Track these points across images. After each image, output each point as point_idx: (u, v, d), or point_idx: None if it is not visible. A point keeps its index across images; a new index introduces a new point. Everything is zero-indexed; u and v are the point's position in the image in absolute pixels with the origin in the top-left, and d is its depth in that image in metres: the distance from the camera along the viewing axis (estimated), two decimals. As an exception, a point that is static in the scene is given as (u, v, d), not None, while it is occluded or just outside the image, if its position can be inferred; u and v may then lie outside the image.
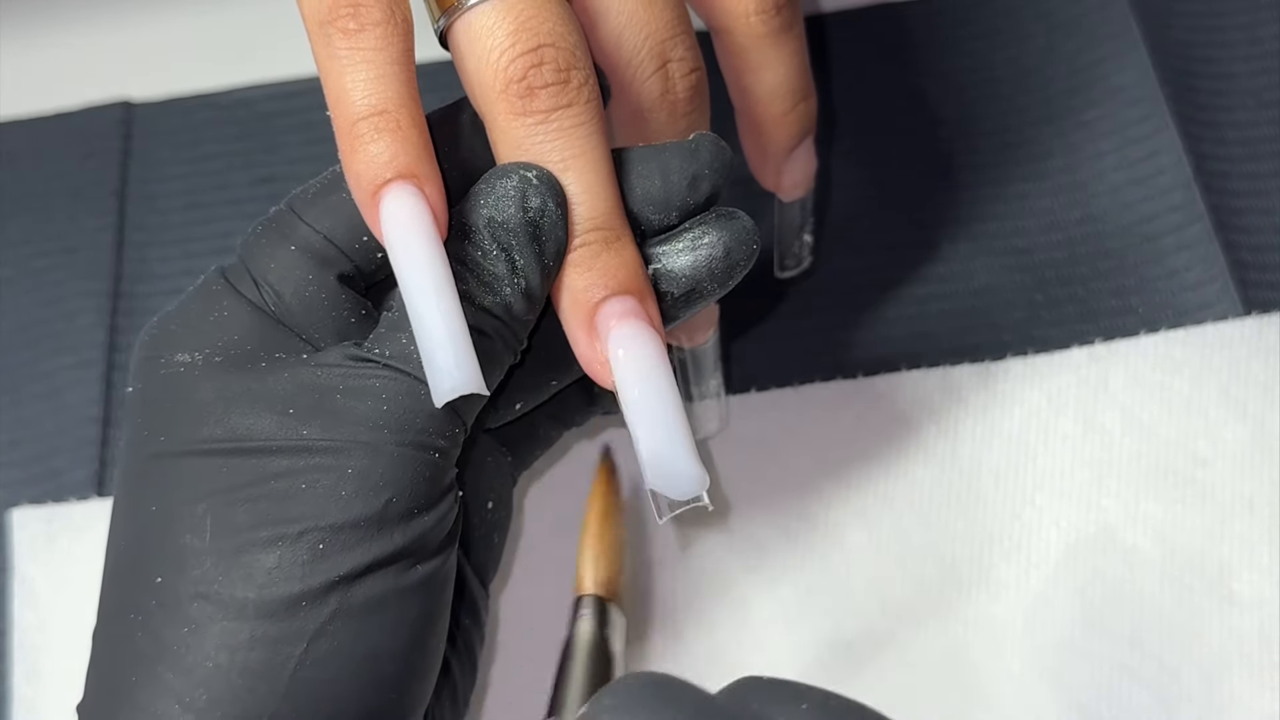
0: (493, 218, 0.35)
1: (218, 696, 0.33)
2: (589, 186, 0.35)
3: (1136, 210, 0.52)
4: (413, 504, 0.34)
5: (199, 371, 0.36)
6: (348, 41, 0.34)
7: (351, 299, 0.37)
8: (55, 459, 0.51)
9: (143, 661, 0.34)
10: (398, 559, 0.34)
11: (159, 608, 0.34)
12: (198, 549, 0.34)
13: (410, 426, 0.34)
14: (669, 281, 0.36)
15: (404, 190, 0.34)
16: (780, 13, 0.41)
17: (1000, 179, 0.53)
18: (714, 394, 0.47)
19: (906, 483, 0.48)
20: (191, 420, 0.35)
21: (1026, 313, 0.50)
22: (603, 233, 0.35)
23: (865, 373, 0.50)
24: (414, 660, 0.35)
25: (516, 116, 0.35)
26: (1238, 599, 0.45)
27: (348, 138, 0.34)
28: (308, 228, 0.36)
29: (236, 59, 0.58)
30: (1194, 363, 0.48)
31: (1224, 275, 0.50)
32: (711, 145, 0.37)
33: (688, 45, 0.39)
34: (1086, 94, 0.54)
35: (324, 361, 0.35)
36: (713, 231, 0.36)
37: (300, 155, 0.56)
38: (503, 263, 0.35)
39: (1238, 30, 0.55)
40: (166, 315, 0.37)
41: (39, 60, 0.59)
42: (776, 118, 0.43)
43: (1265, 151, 0.52)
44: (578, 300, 0.35)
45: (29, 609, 0.48)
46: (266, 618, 0.33)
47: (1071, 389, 0.49)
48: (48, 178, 0.57)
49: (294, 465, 0.34)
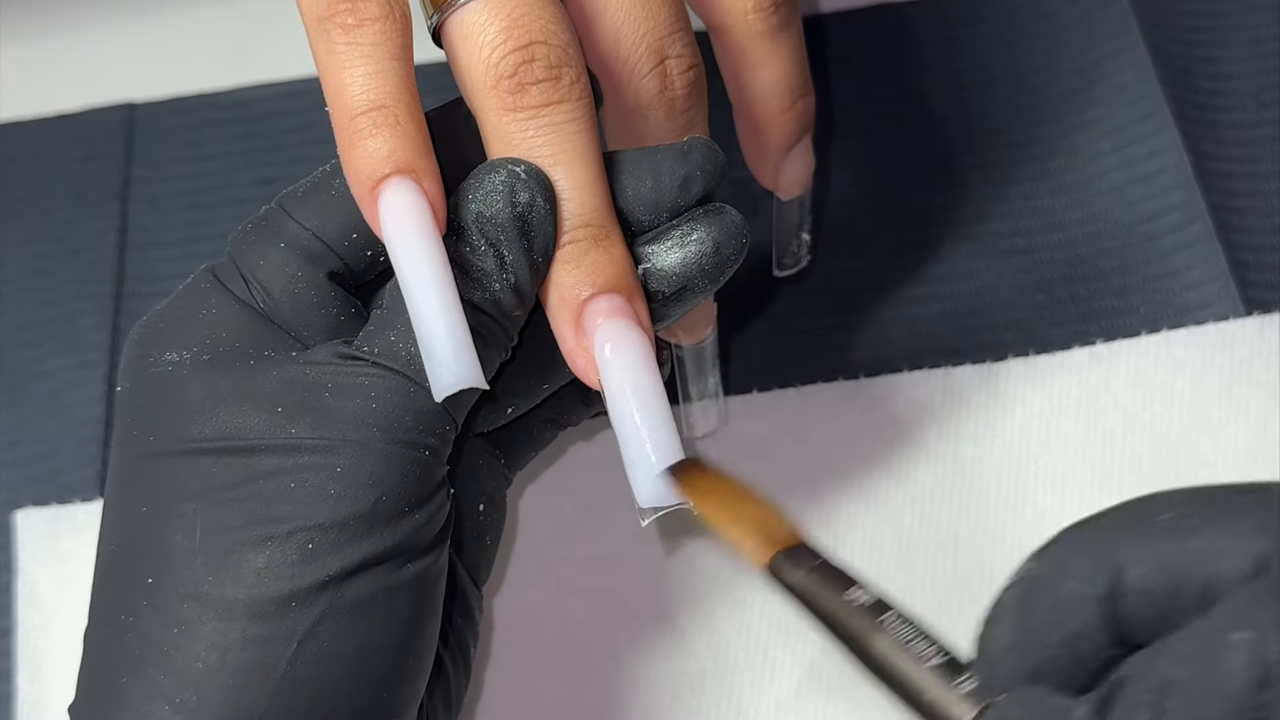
0: (481, 213, 0.34)
1: (208, 697, 0.33)
2: (579, 183, 0.35)
3: (1137, 210, 0.52)
4: (403, 502, 0.34)
5: (188, 370, 0.36)
6: (346, 37, 0.34)
7: (341, 297, 0.37)
8: (57, 459, 0.51)
9: (133, 662, 0.34)
10: (388, 558, 0.34)
11: (149, 608, 0.34)
12: (187, 549, 0.34)
13: (400, 424, 0.34)
14: (659, 280, 0.36)
15: (403, 185, 0.34)
16: (778, 10, 0.41)
17: (1001, 179, 0.53)
18: (712, 393, 0.47)
19: (907, 483, 0.48)
20: (180, 419, 0.35)
21: (1027, 312, 0.50)
22: (591, 229, 0.35)
23: (866, 373, 0.50)
24: (406, 659, 0.35)
25: (507, 112, 0.35)
26: (1239, 600, 0.45)
27: (346, 133, 0.34)
28: (297, 225, 0.36)
29: (237, 59, 0.58)
30: (1195, 363, 0.48)
31: (1225, 275, 0.49)
32: (704, 148, 0.37)
33: (685, 42, 0.39)
34: (1087, 93, 0.54)
35: (313, 359, 0.35)
36: (701, 227, 0.36)
37: (302, 155, 0.56)
38: (491, 258, 0.35)
39: (1238, 30, 0.54)
40: (156, 314, 0.37)
41: (41, 62, 0.60)
42: (774, 115, 0.43)
43: (1265, 152, 0.52)
44: (565, 297, 0.35)
45: (32, 609, 0.48)
46: (257, 618, 0.33)
47: (1073, 389, 0.48)
48: (49, 179, 0.57)
49: (283, 464, 0.34)
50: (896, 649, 0.32)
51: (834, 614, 0.33)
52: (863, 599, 0.32)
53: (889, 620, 0.32)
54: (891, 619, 0.32)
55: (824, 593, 0.33)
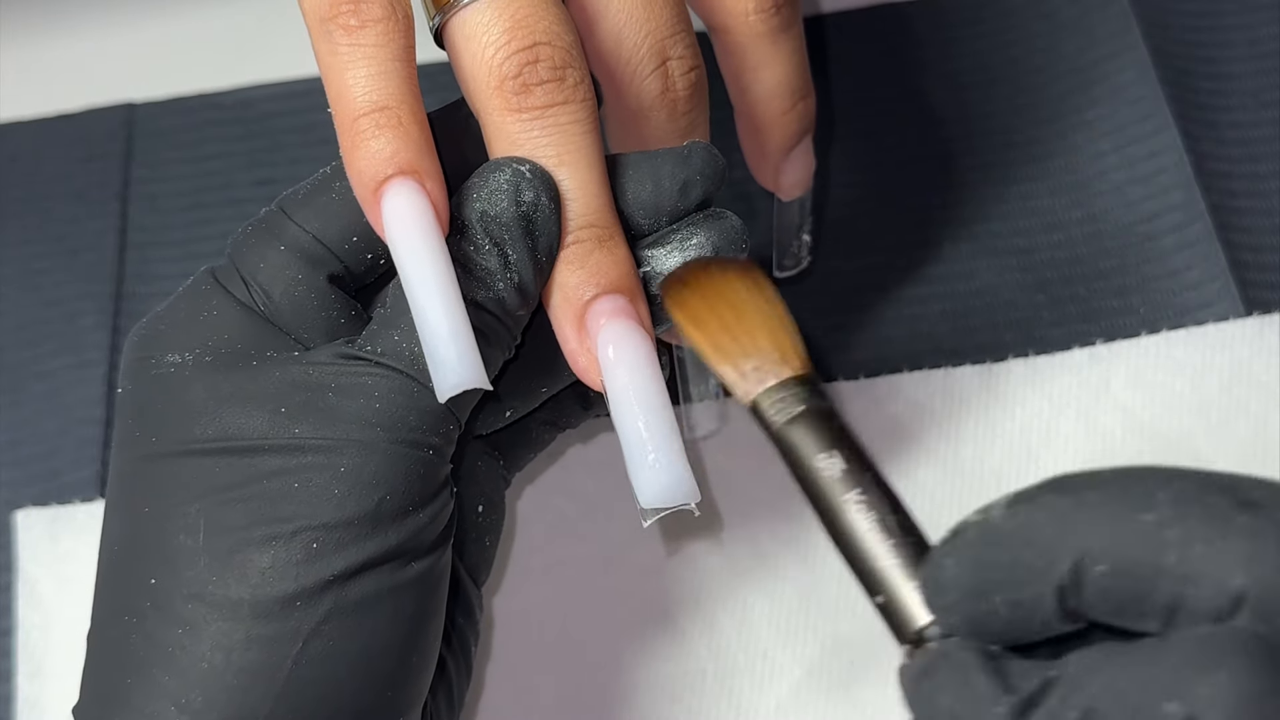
0: (486, 211, 0.35)
1: (213, 697, 0.33)
2: (583, 183, 0.35)
3: (1137, 210, 0.52)
4: (407, 502, 0.34)
5: (190, 371, 0.36)
6: (349, 38, 0.34)
7: (341, 299, 0.37)
8: (57, 459, 0.51)
9: (138, 663, 0.34)
10: (393, 557, 0.34)
11: (153, 609, 0.34)
12: (191, 549, 0.34)
13: (403, 424, 0.34)
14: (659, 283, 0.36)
15: (405, 186, 0.34)
16: (779, 11, 0.41)
17: (1001, 179, 0.53)
18: (713, 394, 0.47)
19: (908, 484, 0.48)
20: (183, 420, 0.35)
21: (1027, 312, 0.50)
22: (595, 230, 0.35)
23: (866, 373, 0.50)
24: (410, 658, 0.35)
25: (511, 113, 0.35)
26: (1239, 600, 0.45)
27: (349, 134, 0.34)
28: (297, 228, 0.36)
29: (238, 59, 0.58)
30: (1195, 363, 0.48)
31: (1224, 275, 0.49)
32: (704, 152, 0.37)
33: (687, 44, 0.39)
34: (1087, 93, 0.54)
35: (315, 360, 0.35)
36: (701, 232, 0.36)
37: (302, 156, 0.56)
38: (495, 257, 0.35)
39: (1238, 30, 0.54)
40: (156, 315, 0.37)
41: (41, 62, 0.59)
42: (775, 116, 0.43)
43: (1265, 152, 0.52)
44: (568, 298, 0.35)
45: (33, 609, 0.48)
46: (261, 617, 0.33)
47: (1073, 390, 0.48)
48: (50, 179, 0.57)
49: (287, 464, 0.34)
50: (857, 531, 0.30)
51: (803, 476, 0.32)
52: (829, 471, 0.31)
53: (852, 500, 0.30)
54: (854, 499, 0.30)
55: (798, 450, 0.32)
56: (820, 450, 0.31)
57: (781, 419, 0.32)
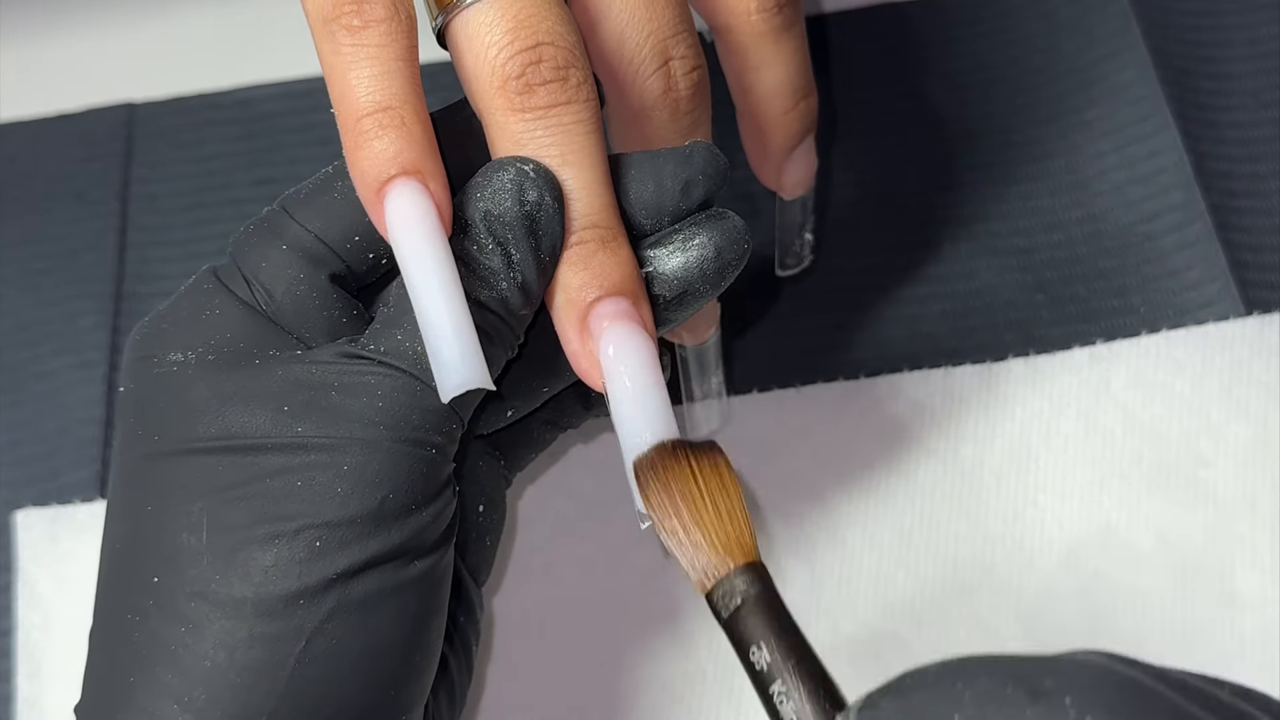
0: (489, 211, 0.35)
1: (216, 696, 0.33)
2: (586, 184, 0.35)
3: (1137, 209, 0.52)
4: (410, 500, 0.34)
5: (192, 370, 0.36)
6: (352, 38, 0.34)
7: (343, 299, 0.37)
8: (57, 459, 0.51)
9: (140, 662, 0.34)
10: (396, 555, 0.34)
11: (156, 608, 0.34)
12: (194, 548, 0.34)
13: (406, 423, 0.34)
14: (661, 284, 0.36)
15: (408, 186, 0.34)
16: (782, 11, 0.41)
17: (1001, 179, 0.53)
18: (715, 392, 0.47)
19: (908, 483, 0.48)
20: (186, 419, 0.35)
21: (1027, 312, 0.50)
22: (599, 231, 0.35)
23: (866, 373, 0.50)
24: (413, 656, 0.35)
25: (514, 113, 0.35)
26: (1240, 599, 0.45)
27: (352, 134, 0.34)
28: (299, 227, 0.36)
29: (238, 59, 0.58)
30: (1195, 363, 0.48)
31: (1225, 275, 0.50)
32: (706, 152, 0.37)
33: (689, 43, 0.39)
34: (1087, 94, 0.54)
35: (318, 358, 0.35)
36: (703, 232, 0.36)
37: (303, 155, 0.56)
38: (499, 257, 0.35)
39: (1238, 30, 0.55)
40: (158, 315, 0.37)
41: (41, 61, 0.59)
42: (777, 116, 0.43)
43: (1265, 152, 0.52)
44: (571, 299, 0.35)
45: (33, 609, 0.48)
46: (264, 616, 0.33)
47: (1073, 389, 0.48)
48: (49, 179, 0.57)
49: (289, 463, 0.34)
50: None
51: (746, 668, 0.33)
52: (759, 664, 0.32)
53: (776, 692, 0.32)
54: (777, 690, 0.32)
55: (737, 645, 0.33)
56: (751, 643, 0.33)
57: (725, 614, 0.34)
